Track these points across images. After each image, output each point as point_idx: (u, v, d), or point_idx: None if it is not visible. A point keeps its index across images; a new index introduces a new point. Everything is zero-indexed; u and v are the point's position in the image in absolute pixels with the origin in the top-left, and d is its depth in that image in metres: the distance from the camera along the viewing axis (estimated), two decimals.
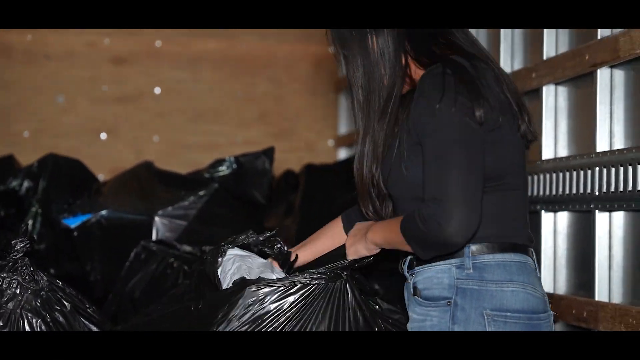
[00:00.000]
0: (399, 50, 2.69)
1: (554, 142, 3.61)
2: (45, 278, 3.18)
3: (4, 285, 3.10)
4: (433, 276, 2.63)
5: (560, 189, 3.45)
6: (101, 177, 5.84)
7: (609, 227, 3.23)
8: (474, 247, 2.59)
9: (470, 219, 2.48)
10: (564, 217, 3.55)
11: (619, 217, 3.21)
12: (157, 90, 6.78)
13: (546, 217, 3.57)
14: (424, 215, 2.50)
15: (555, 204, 3.49)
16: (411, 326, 2.69)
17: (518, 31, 3.91)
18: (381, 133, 2.67)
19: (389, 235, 2.68)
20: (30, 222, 4.13)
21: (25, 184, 4.48)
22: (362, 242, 2.80)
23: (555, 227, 3.57)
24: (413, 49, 2.71)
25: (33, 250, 3.26)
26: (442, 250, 2.56)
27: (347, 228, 3.00)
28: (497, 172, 2.58)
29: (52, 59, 6.70)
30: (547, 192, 3.52)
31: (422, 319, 2.64)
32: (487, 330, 2.54)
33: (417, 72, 2.72)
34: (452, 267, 2.60)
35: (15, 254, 3.14)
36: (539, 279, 2.71)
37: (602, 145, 3.26)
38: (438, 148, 2.52)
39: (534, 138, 2.71)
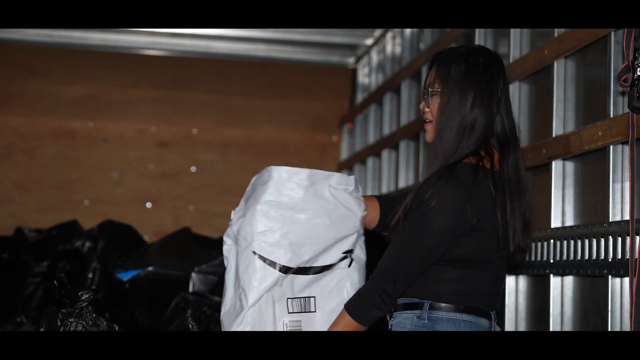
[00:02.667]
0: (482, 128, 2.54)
1: None
2: (104, 323, 3.19)
3: (72, 329, 3.11)
4: (400, 322, 2.59)
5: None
6: (146, 238, 5.85)
7: (561, 289, 3.23)
8: (432, 304, 2.53)
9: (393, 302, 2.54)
10: (524, 280, 3.56)
11: (569, 281, 3.21)
12: (193, 168, 6.83)
13: (509, 280, 3.57)
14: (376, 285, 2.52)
15: (516, 268, 3.50)
16: None
17: None
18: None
19: None
20: (90, 275, 4.13)
21: (87, 244, 4.50)
22: None
23: (517, 287, 3.57)
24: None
25: (93, 299, 3.28)
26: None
27: (381, 213, 2.80)
28: (468, 258, 2.51)
29: (109, 142, 6.76)
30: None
31: None
32: None
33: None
34: (414, 316, 2.55)
35: (80, 303, 3.15)
36: None
37: (556, 222, 3.28)
38: (405, 234, 2.50)
39: (516, 252, 2.55)
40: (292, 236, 2.57)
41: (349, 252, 2.67)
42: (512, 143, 2.59)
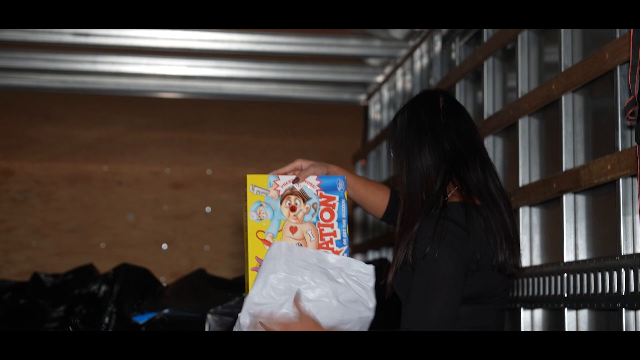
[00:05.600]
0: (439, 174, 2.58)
1: (529, 253, 3.63)
2: None
3: None
4: None
5: (536, 291, 3.45)
6: (163, 279, 5.86)
7: (576, 322, 3.22)
8: None
9: None
10: (539, 314, 3.55)
11: (584, 314, 3.20)
12: (208, 209, 6.84)
13: (525, 314, 3.57)
14: None
15: (531, 302, 3.49)
16: None
17: (498, 164, 3.96)
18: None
19: None
20: (107, 319, 4.14)
21: (103, 287, 4.51)
22: None
23: (532, 321, 3.57)
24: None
25: None
26: None
27: (390, 202, 2.91)
28: (477, 295, 2.52)
29: (124, 185, 6.79)
30: (525, 293, 3.53)
31: None
32: None
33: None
34: None
35: None
36: None
37: (569, 256, 3.28)
38: (422, 288, 2.46)
39: (511, 272, 2.57)
40: None
41: None
42: (471, 153, 2.59)
